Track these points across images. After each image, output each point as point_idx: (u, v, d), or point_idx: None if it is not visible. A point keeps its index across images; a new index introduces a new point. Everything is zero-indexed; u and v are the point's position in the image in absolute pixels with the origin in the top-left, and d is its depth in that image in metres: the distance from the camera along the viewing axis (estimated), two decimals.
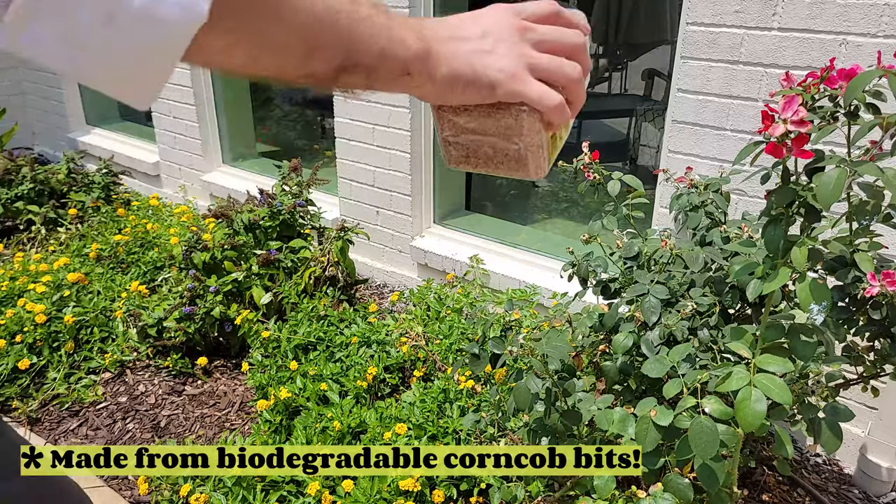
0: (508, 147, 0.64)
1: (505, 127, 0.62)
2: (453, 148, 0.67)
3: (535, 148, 0.63)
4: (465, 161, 0.67)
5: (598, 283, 1.60)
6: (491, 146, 0.65)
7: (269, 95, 4.15)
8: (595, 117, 4.12)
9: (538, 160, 0.65)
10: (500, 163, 0.66)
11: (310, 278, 2.49)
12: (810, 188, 1.01)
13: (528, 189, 3.61)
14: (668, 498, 1.21)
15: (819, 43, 1.73)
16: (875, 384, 1.52)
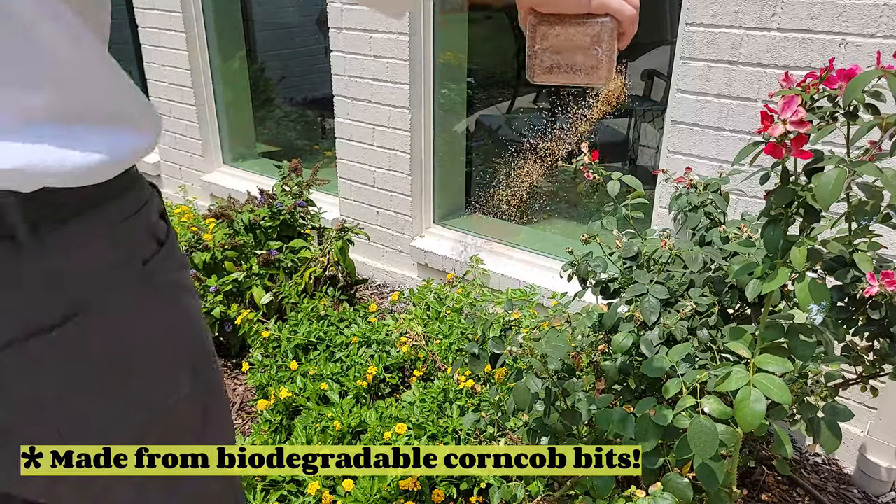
0: (589, 55, 0.79)
1: (590, 36, 0.78)
2: (543, 59, 0.80)
3: (610, 54, 0.79)
4: (549, 71, 0.81)
5: (598, 283, 1.60)
6: (575, 54, 0.79)
7: (270, 95, 4.16)
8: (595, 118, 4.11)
9: (610, 67, 0.80)
10: (580, 70, 0.80)
11: (310, 278, 2.49)
12: (809, 188, 1.02)
13: (527, 189, 3.61)
14: (668, 497, 1.21)
15: (818, 43, 1.73)
16: (874, 384, 1.52)
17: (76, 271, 0.62)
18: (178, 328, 0.72)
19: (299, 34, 4.13)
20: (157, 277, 0.69)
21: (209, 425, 0.80)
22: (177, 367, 0.72)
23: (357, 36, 2.66)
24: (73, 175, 0.59)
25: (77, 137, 0.59)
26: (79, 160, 0.59)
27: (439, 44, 2.66)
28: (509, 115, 3.99)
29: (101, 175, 0.61)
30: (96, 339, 0.63)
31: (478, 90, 3.71)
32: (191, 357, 0.74)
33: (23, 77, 0.56)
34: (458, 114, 2.98)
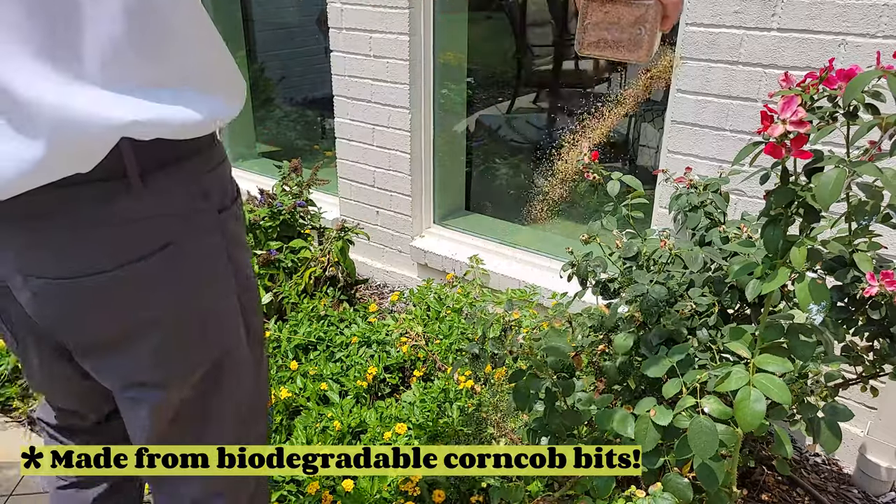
0: (634, 33, 0.89)
1: (636, 16, 0.88)
2: (591, 33, 0.92)
3: (652, 34, 0.89)
4: (596, 45, 0.93)
5: (598, 284, 1.60)
6: (621, 31, 0.90)
7: (270, 95, 4.15)
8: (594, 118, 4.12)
9: (652, 45, 0.90)
10: (623, 46, 0.91)
11: (310, 278, 2.49)
12: (809, 188, 1.02)
13: (528, 189, 3.61)
14: (668, 497, 1.21)
15: (818, 43, 1.73)
16: (874, 384, 1.52)
17: (169, 210, 0.78)
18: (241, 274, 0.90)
19: (299, 34, 4.12)
20: (228, 226, 0.86)
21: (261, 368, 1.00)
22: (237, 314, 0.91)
23: (357, 36, 2.66)
24: (180, 129, 0.75)
25: (184, 99, 0.75)
26: (185, 117, 0.75)
27: (439, 44, 2.66)
28: (509, 115, 3.99)
29: (199, 131, 0.78)
30: (183, 265, 0.81)
31: (478, 90, 3.71)
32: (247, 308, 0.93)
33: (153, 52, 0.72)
34: (458, 114, 2.98)
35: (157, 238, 0.78)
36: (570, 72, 4.13)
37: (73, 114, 0.67)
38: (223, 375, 0.92)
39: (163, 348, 0.84)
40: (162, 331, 0.83)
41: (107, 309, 0.79)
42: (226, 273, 0.87)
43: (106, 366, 0.86)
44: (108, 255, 0.76)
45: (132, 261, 0.77)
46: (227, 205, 0.87)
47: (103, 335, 0.82)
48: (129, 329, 0.81)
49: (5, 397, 2.22)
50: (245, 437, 1.01)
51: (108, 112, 0.69)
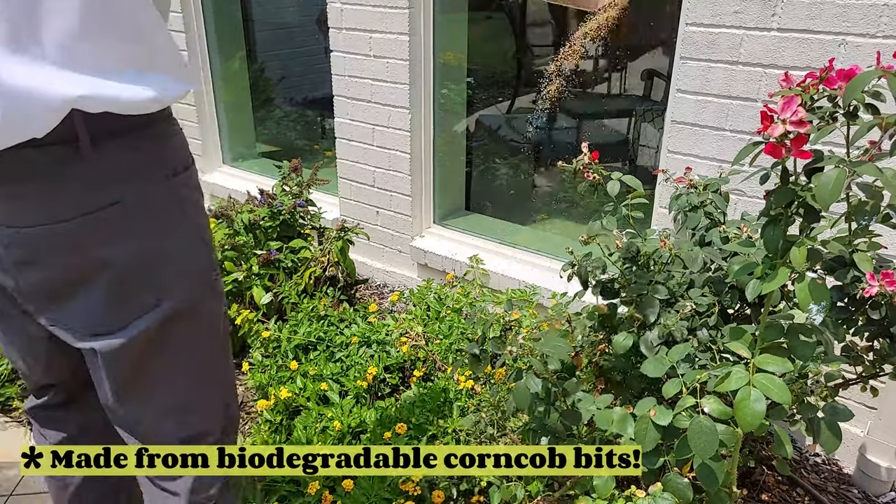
0: None
1: None
2: None
3: None
4: None
5: (598, 284, 1.60)
6: None
7: (270, 95, 4.15)
8: (594, 118, 4.12)
9: None
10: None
11: (310, 278, 2.49)
12: (809, 188, 1.02)
13: (528, 189, 3.62)
14: (668, 497, 1.21)
15: (818, 43, 1.73)
16: (874, 384, 1.52)
17: (118, 173, 0.90)
18: (193, 234, 1.01)
19: (299, 34, 4.12)
20: (179, 190, 0.98)
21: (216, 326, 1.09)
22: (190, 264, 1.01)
23: (357, 36, 2.66)
24: (128, 105, 0.86)
25: (134, 79, 0.86)
26: (132, 95, 0.86)
27: (439, 44, 2.66)
28: (509, 115, 3.99)
29: (146, 108, 0.89)
30: (133, 220, 0.92)
31: (478, 90, 3.71)
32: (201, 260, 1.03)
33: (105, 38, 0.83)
34: (458, 114, 2.98)
35: (107, 196, 0.89)
36: (571, 72, 4.12)
37: (26, 89, 0.79)
38: (178, 321, 1.00)
39: (114, 293, 0.94)
40: (112, 275, 0.93)
41: (64, 252, 0.90)
42: (176, 228, 0.98)
43: (63, 316, 0.96)
44: (64, 208, 0.88)
45: (85, 213, 0.88)
46: (178, 171, 0.99)
47: (60, 278, 0.92)
48: (83, 272, 0.92)
49: (5, 397, 2.22)
50: (210, 383, 1.12)
51: (59, 88, 0.80)
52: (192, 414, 1.10)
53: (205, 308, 1.06)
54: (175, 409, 1.08)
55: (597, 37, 2.15)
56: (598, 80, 4.56)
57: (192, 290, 1.02)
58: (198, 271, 1.04)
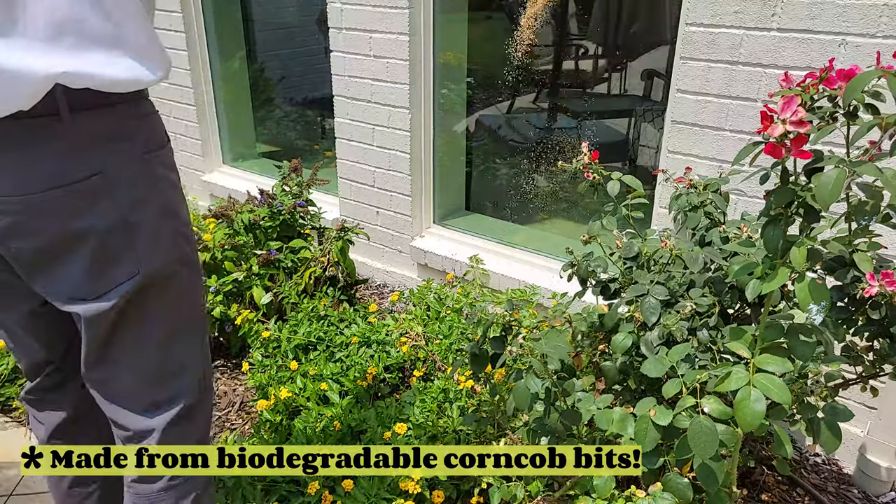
0: None
1: None
2: None
3: None
4: None
5: (598, 284, 1.60)
6: None
7: (270, 95, 4.15)
8: (594, 118, 4.12)
9: None
10: None
11: (310, 278, 2.49)
12: (809, 188, 1.02)
13: (527, 189, 3.62)
14: (668, 497, 1.21)
15: (818, 43, 1.73)
16: (874, 384, 1.52)
17: (96, 145, 0.96)
18: (168, 207, 1.08)
19: (299, 34, 4.12)
20: (154, 167, 1.05)
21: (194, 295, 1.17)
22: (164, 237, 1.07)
23: (357, 36, 2.66)
24: (107, 83, 0.94)
25: (115, 61, 0.94)
26: (113, 75, 0.94)
27: (439, 44, 2.65)
28: (509, 115, 3.99)
29: (124, 88, 0.97)
30: (111, 192, 0.98)
31: (478, 90, 3.71)
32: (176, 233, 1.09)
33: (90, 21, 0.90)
34: (458, 114, 2.98)
35: (89, 166, 0.96)
36: (570, 72, 4.13)
37: (14, 66, 0.86)
38: (157, 288, 1.08)
39: (96, 261, 1.00)
40: (94, 243, 0.99)
41: (46, 222, 0.96)
42: (151, 202, 1.04)
43: (50, 282, 1.02)
44: (45, 179, 0.93)
45: (69, 183, 0.94)
46: (153, 149, 1.04)
47: (45, 246, 0.98)
48: (66, 240, 0.98)
49: (5, 397, 2.22)
50: (187, 350, 1.17)
51: (44, 65, 0.88)
52: (164, 379, 1.15)
53: (180, 277, 1.12)
54: (147, 374, 1.13)
55: None
56: (598, 80, 4.56)
57: (168, 259, 1.09)
58: (173, 242, 1.10)
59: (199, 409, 1.22)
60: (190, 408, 1.19)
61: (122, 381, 1.13)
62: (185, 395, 1.18)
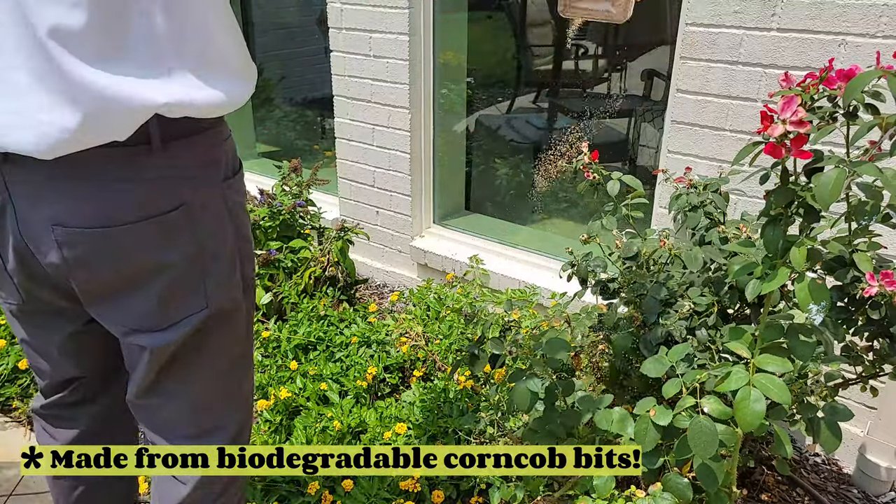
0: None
1: None
2: None
3: None
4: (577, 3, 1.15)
5: (598, 283, 1.60)
6: None
7: (269, 95, 4.15)
8: (594, 117, 4.13)
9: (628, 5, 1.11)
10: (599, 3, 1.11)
11: (310, 278, 2.49)
12: (809, 188, 1.02)
13: (527, 189, 3.62)
14: (668, 497, 1.21)
15: (818, 43, 1.73)
16: (874, 384, 1.52)
17: (183, 176, 0.92)
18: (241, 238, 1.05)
19: (299, 34, 4.12)
20: (231, 194, 1.01)
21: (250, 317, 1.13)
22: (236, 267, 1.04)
23: (357, 36, 2.66)
24: (205, 109, 0.90)
25: (210, 83, 0.89)
26: (209, 99, 0.89)
27: (439, 44, 2.65)
28: (509, 115, 3.99)
29: (221, 111, 0.93)
30: (192, 224, 0.95)
31: (478, 90, 3.71)
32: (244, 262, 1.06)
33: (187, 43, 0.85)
34: (458, 114, 2.98)
35: (174, 198, 0.92)
36: (570, 72, 4.13)
37: (112, 95, 0.81)
38: (221, 320, 1.04)
39: (169, 292, 0.96)
40: (170, 275, 0.95)
41: (124, 253, 0.92)
42: (228, 232, 1.01)
43: (114, 311, 0.98)
44: (131, 209, 0.89)
45: (154, 215, 0.90)
46: (230, 175, 1.01)
47: (118, 277, 0.94)
48: (140, 272, 0.94)
49: (5, 397, 2.22)
50: (238, 382, 1.14)
51: (143, 94, 0.83)
52: (213, 412, 1.12)
53: (244, 310, 1.09)
54: (199, 407, 1.10)
55: None
56: (598, 80, 4.57)
57: (236, 292, 1.06)
58: (242, 275, 1.06)
59: (243, 438, 1.19)
60: (235, 437, 1.16)
61: (172, 409, 1.09)
62: (231, 425, 1.15)
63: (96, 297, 0.97)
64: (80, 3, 0.77)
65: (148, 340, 0.99)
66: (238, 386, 1.15)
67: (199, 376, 1.07)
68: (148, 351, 1.00)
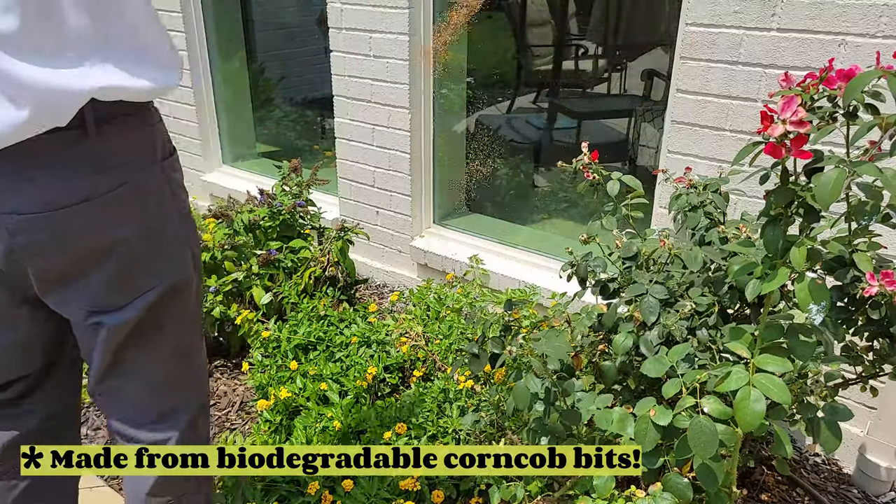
0: None
1: None
2: None
3: None
4: None
5: (597, 283, 1.60)
6: None
7: (269, 95, 4.15)
8: (594, 118, 4.13)
9: None
10: None
11: (310, 278, 2.49)
12: (809, 188, 1.02)
13: (528, 189, 3.62)
14: (668, 497, 1.21)
15: (818, 43, 1.73)
16: (874, 384, 1.52)
17: (121, 156, 0.98)
18: (182, 213, 1.09)
19: (299, 34, 4.12)
20: (170, 173, 1.07)
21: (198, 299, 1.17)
22: (184, 243, 1.09)
23: (357, 36, 2.66)
24: (137, 93, 0.96)
25: (141, 70, 0.96)
26: (141, 84, 0.96)
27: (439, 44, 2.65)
28: (509, 115, 3.99)
29: (152, 95, 1.00)
30: (137, 202, 1.00)
31: (478, 90, 3.71)
32: (190, 238, 1.11)
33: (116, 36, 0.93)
34: (458, 114, 2.98)
35: (115, 178, 0.97)
36: (570, 72, 4.13)
37: (51, 86, 0.87)
38: (174, 297, 1.09)
39: (125, 269, 1.01)
40: (123, 253, 1.00)
41: (75, 235, 0.96)
42: (171, 209, 1.07)
43: (72, 295, 1.02)
44: (74, 192, 0.93)
45: (97, 195, 0.95)
46: (166, 156, 1.07)
47: (72, 260, 0.98)
48: (93, 253, 0.98)
49: None
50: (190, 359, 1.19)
51: (82, 81, 0.89)
52: (170, 391, 1.17)
53: (194, 284, 1.14)
54: (156, 386, 1.15)
55: None
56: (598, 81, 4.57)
57: (186, 267, 1.11)
58: (189, 249, 1.11)
59: (203, 418, 1.23)
60: (196, 417, 1.20)
61: (130, 391, 1.13)
62: (194, 404, 1.20)
63: (54, 285, 1.00)
64: (11, 8, 0.83)
65: (107, 320, 1.04)
66: (190, 363, 1.20)
67: (155, 355, 1.12)
68: (106, 330, 1.04)
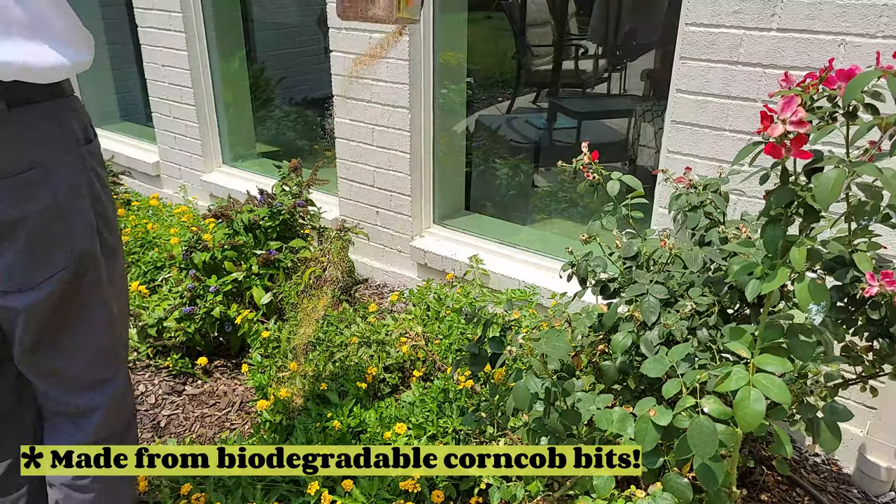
0: None
1: None
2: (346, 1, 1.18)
3: None
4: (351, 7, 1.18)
5: (598, 283, 1.60)
6: None
7: (269, 95, 4.15)
8: (594, 118, 4.13)
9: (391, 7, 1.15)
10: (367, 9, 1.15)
11: (310, 278, 2.49)
12: (809, 188, 1.02)
13: (528, 189, 3.62)
14: (668, 497, 1.21)
15: (818, 43, 1.73)
16: (874, 384, 1.52)
17: (34, 139, 1.03)
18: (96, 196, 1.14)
19: (299, 34, 4.12)
20: (86, 160, 1.11)
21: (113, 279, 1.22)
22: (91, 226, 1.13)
23: (357, 36, 2.66)
24: (39, 73, 0.99)
25: (44, 48, 0.99)
26: (43, 62, 0.99)
27: (439, 44, 2.65)
28: (509, 115, 3.99)
29: (56, 76, 1.03)
30: (47, 182, 1.04)
31: (478, 90, 3.71)
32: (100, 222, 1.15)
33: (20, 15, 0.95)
34: (458, 114, 2.98)
35: (27, 159, 1.01)
36: (570, 72, 4.13)
37: None
38: (85, 277, 1.14)
39: (33, 245, 1.05)
40: (29, 228, 1.04)
41: None
42: (86, 192, 1.11)
43: None
44: None
45: (8, 176, 1.00)
46: (84, 143, 1.11)
47: None
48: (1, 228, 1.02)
49: None
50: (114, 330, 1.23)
51: None
52: (107, 358, 1.23)
53: (103, 269, 1.19)
54: (91, 356, 1.20)
55: None
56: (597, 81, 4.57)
57: (97, 251, 1.15)
58: (103, 239, 1.16)
59: (129, 383, 1.31)
60: (126, 381, 1.27)
61: (66, 364, 1.18)
62: (123, 371, 1.27)
63: None
64: None
65: (21, 301, 1.08)
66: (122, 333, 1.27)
67: (82, 329, 1.17)
68: (23, 311, 1.09)
